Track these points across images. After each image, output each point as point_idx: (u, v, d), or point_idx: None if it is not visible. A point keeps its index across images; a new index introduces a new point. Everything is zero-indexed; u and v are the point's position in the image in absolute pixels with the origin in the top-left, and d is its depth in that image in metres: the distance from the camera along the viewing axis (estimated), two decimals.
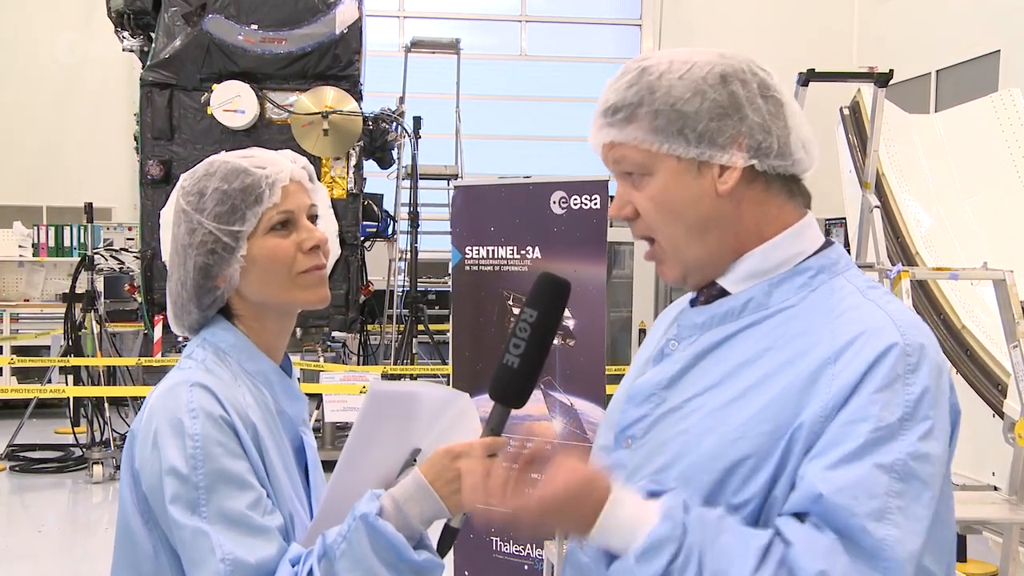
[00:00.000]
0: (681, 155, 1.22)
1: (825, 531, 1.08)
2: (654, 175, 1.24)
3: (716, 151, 1.21)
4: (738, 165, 1.22)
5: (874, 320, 1.18)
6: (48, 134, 10.11)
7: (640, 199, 1.26)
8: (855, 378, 1.13)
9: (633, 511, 1.15)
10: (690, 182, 1.23)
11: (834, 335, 1.18)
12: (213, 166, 1.50)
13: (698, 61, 1.23)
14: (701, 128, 1.21)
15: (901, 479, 1.09)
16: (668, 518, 1.12)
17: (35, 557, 5.44)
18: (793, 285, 1.25)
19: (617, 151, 1.26)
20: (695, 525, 1.11)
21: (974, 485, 4.10)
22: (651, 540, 1.11)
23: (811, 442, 1.13)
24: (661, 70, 1.23)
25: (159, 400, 1.42)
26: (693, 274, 1.29)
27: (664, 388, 1.29)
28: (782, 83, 1.28)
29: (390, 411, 1.42)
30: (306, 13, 6.77)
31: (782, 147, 1.24)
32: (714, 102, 1.21)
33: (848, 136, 5.87)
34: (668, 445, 1.24)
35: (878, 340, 1.15)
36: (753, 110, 1.22)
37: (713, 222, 1.24)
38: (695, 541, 1.10)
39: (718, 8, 10.94)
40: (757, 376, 1.20)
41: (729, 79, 1.22)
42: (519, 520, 1.19)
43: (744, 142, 1.22)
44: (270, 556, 1.33)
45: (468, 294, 4.18)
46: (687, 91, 1.21)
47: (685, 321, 1.32)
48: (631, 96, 1.24)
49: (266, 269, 1.48)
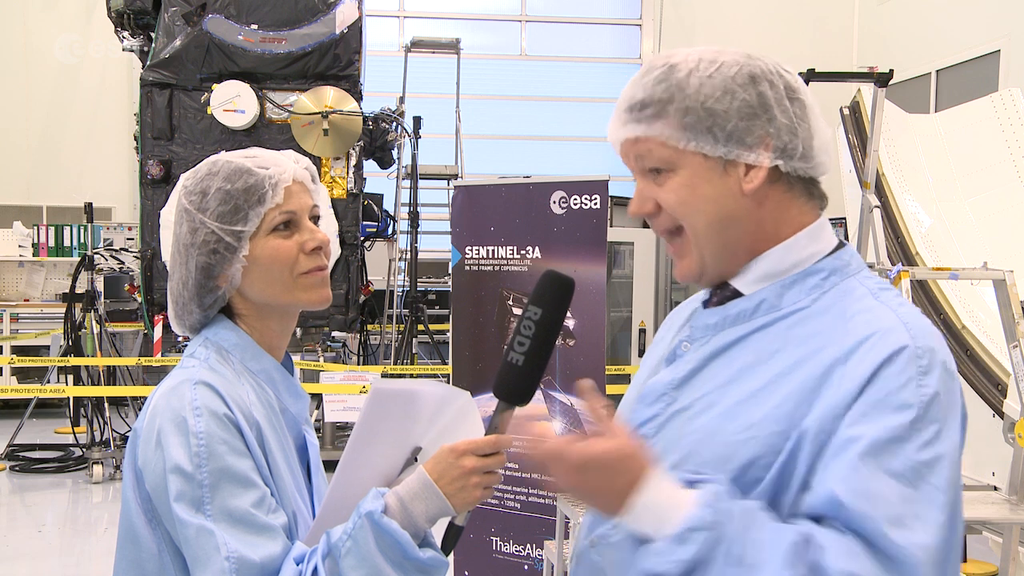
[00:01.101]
0: (708, 153, 1.22)
1: (848, 535, 1.09)
2: (679, 172, 1.24)
3: (744, 150, 1.22)
4: (764, 165, 1.22)
5: (885, 322, 1.18)
6: (48, 134, 10.11)
7: (663, 194, 1.26)
8: (864, 379, 1.13)
9: (670, 495, 1.14)
10: (715, 180, 1.23)
11: (845, 336, 1.18)
12: (216, 166, 1.50)
13: (727, 61, 1.23)
14: (730, 127, 1.21)
15: (914, 484, 1.10)
16: (705, 505, 1.11)
17: (35, 557, 5.44)
18: (805, 286, 1.25)
19: (642, 146, 1.26)
20: (730, 515, 1.10)
21: (974, 485, 4.10)
22: (687, 525, 1.10)
23: (822, 442, 1.13)
24: (690, 67, 1.23)
25: (163, 399, 1.41)
26: (709, 270, 1.28)
27: (675, 388, 1.29)
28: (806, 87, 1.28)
29: (392, 410, 1.42)
30: (306, 13, 6.78)
31: (806, 149, 1.24)
32: (744, 102, 1.21)
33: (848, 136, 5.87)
34: (679, 444, 1.23)
35: (888, 342, 1.15)
36: (781, 111, 1.23)
37: (735, 220, 1.24)
38: (729, 531, 1.09)
39: (718, 8, 10.94)
40: (768, 377, 1.20)
41: (758, 80, 1.23)
42: (552, 468, 1.18)
43: (771, 143, 1.22)
44: (274, 554, 1.33)
45: (468, 294, 4.18)
46: (717, 90, 1.21)
47: (698, 322, 1.32)
48: (660, 92, 1.23)
49: (268, 269, 1.48)
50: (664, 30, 10.91)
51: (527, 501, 4.01)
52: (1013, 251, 4.85)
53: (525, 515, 4.02)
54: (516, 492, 4.03)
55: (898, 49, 9.99)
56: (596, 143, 10.78)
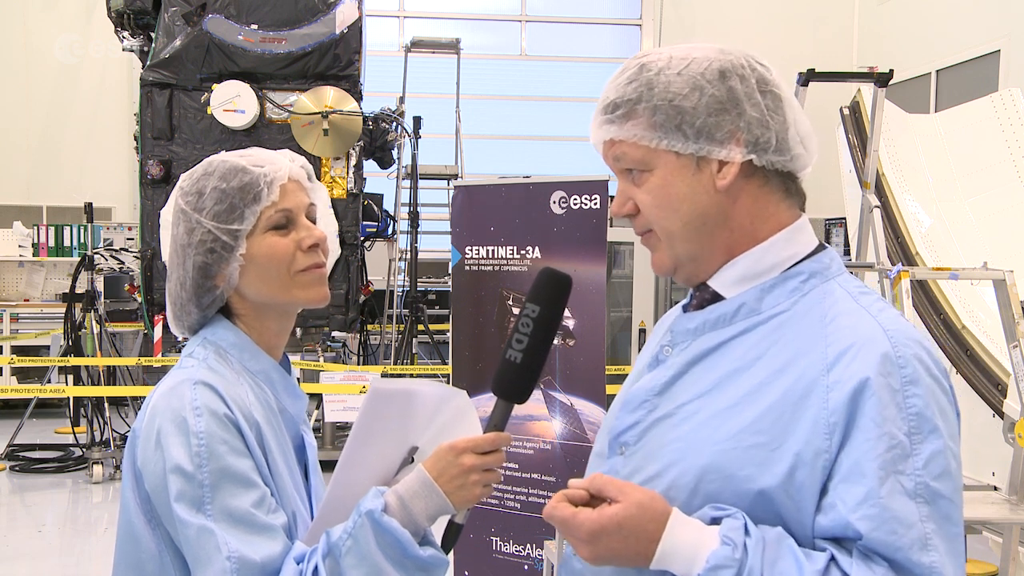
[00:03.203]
0: (680, 151, 1.22)
1: (875, 562, 1.10)
2: (653, 171, 1.24)
3: (714, 146, 1.22)
4: (736, 160, 1.22)
5: (866, 330, 1.17)
6: (48, 134, 10.11)
7: (640, 195, 1.26)
8: (849, 394, 1.13)
9: (694, 534, 1.14)
10: (689, 177, 1.23)
11: (826, 343, 1.18)
12: (211, 166, 1.50)
13: (696, 57, 1.23)
14: (699, 123, 1.21)
15: (928, 502, 1.11)
16: (728, 541, 1.11)
17: (35, 557, 5.44)
18: (785, 289, 1.24)
19: (617, 148, 1.27)
20: (755, 548, 1.11)
21: (974, 485, 4.09)
22: (712, 563, 1.11)
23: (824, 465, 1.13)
24: (660, 66, 1.24)
25: (162, 399, 1.41)
26: (684, 266, 1.28)
27: (657, 395, 1.28)
28: (781, 78, 1.28)
29: (390, 409, 1.42)
30: (306, 13, 6.78)
31: (780, 142, 1.24)
32: (712, 97, 1.21)
33: (848, 136, 5.86)
34: (661, 452, 1.23)
35: (870, 352, 1.15)
36: (751, 105, 1.22)
37: (710, 217, 1.24)
38: (755, 564, 1.10)
39: (718, 8, 10.94)
40: (750, 385, 1.19)
41: (728, 74, 1.22)
42: (568, 538, 1.18)
43: (742, 137, 1.22)
44: (275, 554, 1.33)
45: (468, 294, 4.17)
46: (685, 87, 1.21)
47: (678, 327, 1.31)
48: (630, 92, 1.24)
49: (265, 268, 1.48)
50: (664, 30, 10.91)
51: (527, 501, 4.01)
52: (1013, 251, 4.85)
53: (525, 515, 4.01)
54: (516, 492, 4.03)
55: (898, 49, 9.99)
56: None
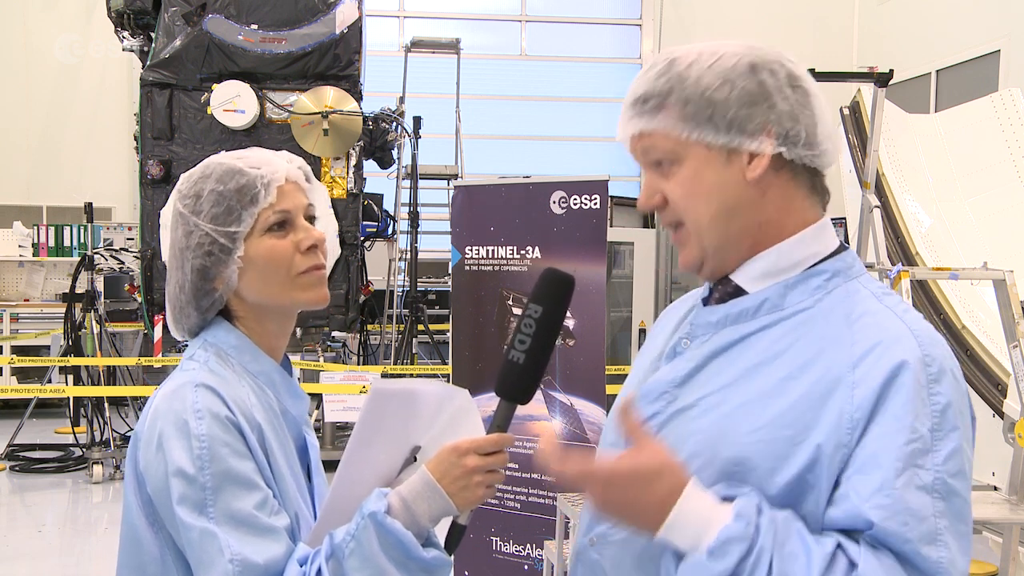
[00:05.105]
0: (711, 143, 1.23)
1: (882, 553, 1.10)
2: (683, 163, 1.25)
3: (745, 138, 1.22)
4: (767, 152, 1.22)
5: (892, 330, 1.18)
6: (48, 134, 10.11)
7: (669, 187, 1.26)
8: (876, 390, 1.13)
9: (707, 508, 1.14)
10: (719, 169, 1.23)
11: (852, 341, 1.18)
12: (209, 168, 1.50)
13: (727, 52, 1.24)
14: (731, 115, 1.21)
15: (944, 498, 1.11)
16: (741, 517, 1.11)
17: (35, 557, 5.44)
18: (808, 287, 1.25)
19: (646, 140, 1.27)
20: (766, 527, 1.11)
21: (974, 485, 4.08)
22: (723, 537, 1.10)
23: (843, 457, 1.13)
24: (690, 60, 1.24)
25: (164, 402, 1.41)
26: (711, 260, 1.28)
27: (677, 386, 1.28)
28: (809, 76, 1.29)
29: (391, 409, 1.42)
30: (306, 13, 6.78)
31: (809, 136, 1.24)
32: (743, 90, 1.22)
33: (848, 136, 5.87)
34: (681, 444, 1.23)
35: (896, 351, 1.15)
36: (782, 99, 1.23)
37: (739, 210, 1.24)
38: (766, 543, 1.10)
39: (718, 8, 10.94)
40: (774, 379, 1.20)
41: (758, 68, 1.23)
42: (585, 485, 1.18)
43: (773, 130, 1.22)
44: (278, 556, 1.33)
45: (468, 294, 4.18)
46: (716, 80, 1.22)
47: (698, 319, 1.32)
48: (661, 85, 1.24)
49: (264, 270, 1.48)
50: (664, 30, 10.91)
51: (527, 501, 4.01)
52: (1013, 251, 4.85)
53: (525, 515, 4.02)
54: (516, 492, 4.03)
55: (898, 49, 9.99)
56: (596, 143, 10.78)
